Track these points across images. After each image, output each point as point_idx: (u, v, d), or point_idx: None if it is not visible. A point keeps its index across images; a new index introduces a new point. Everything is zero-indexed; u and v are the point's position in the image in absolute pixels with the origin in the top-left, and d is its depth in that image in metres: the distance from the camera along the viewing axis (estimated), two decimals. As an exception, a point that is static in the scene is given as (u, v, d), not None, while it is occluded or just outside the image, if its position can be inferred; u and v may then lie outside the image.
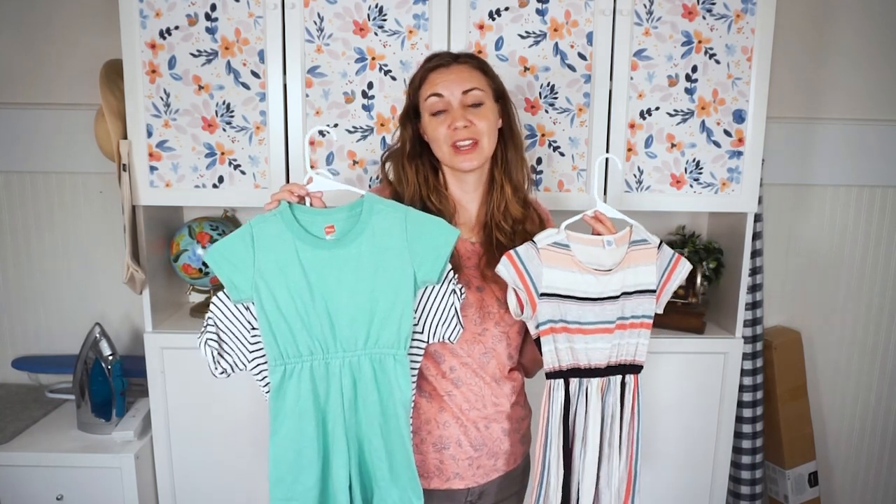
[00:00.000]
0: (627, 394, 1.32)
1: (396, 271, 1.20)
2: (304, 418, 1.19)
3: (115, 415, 1.82)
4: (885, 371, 2.23)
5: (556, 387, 1.28)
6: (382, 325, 1.20)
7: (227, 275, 1.19)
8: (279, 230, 1.19)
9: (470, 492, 1.34)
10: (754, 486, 2.05)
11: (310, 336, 1.19)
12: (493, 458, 1.34)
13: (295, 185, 1.23)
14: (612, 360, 1.30)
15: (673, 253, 1.34)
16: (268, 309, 1.18)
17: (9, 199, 2.04)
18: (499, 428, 1.34)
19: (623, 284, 1.29)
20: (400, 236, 1.20)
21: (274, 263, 1.18)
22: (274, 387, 1.19)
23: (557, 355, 1.27)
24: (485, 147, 1.29)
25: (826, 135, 2.08)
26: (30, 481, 1.73)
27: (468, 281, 1.31)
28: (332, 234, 1.22)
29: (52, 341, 2.11)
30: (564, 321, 1.27)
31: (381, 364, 1.20)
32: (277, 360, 1.19)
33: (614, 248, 1.29)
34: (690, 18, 1.64)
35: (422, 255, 1.20)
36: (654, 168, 1.70)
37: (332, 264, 1.20)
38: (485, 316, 1.32)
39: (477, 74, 1.31)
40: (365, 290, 1.20)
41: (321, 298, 1.19)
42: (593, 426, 1.29)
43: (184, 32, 1.61)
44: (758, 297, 1.99)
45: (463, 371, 1.31)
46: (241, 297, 1.19)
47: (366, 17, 1.61)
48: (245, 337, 1.24)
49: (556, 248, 1.26)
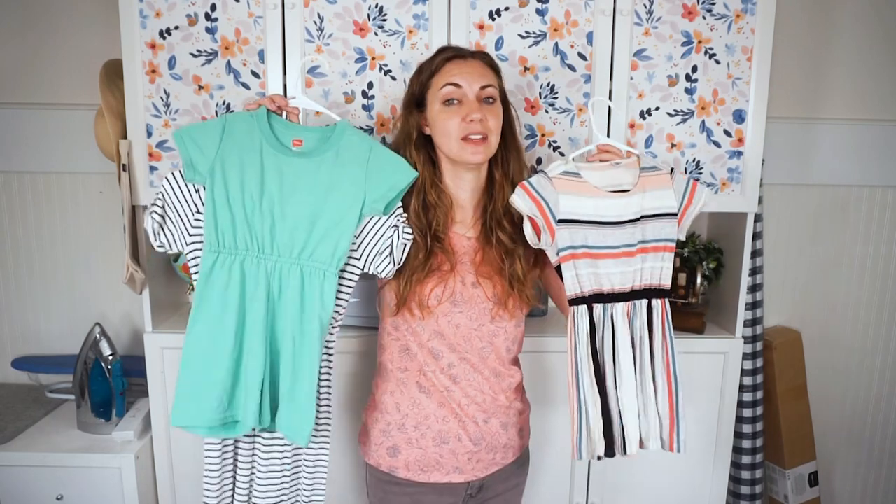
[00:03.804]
0: (656, 318, 1.31)
1: (348, 193, 1.25)
2: (227, 310, 1.23)
3: (115, 415, 1.82)
4: (885, 371, 2.23)
5: (580, 313, 1.28)
6: (321, 240, 1.25)
7: (188, 154, 1.25)
8: (250, 128, 1.27)
9: (470, 485, 1.35)
10: (754, 486, 2.05)
11: (249, 232, 1.24)
12: (493, 451, 1.35)
13: (277, 96, 1.32)
14: (636, 285, 1.30)
15: (689, 178, 1.36)
16: (217, 195, 1.24)
17: (9, 199, 2.04)
18: (497, 422, 1.35)
19: (642, 207, 1.30)
20: (361, 163, 1.26)
21: (236, 156, 1.25)
22: (203, 272, 1.24)
23: (579, 281, 1.28)
24: (493, 143, 1.30)
25: (826, 135, 2.08)
26: (30, 481, 1.73)
27: (463, 277, 1.31)
28: (298, 147, 1.29)
29: (52, 341, 2.11)
30: (586, 246, 1.28)
31: (310, 277, 1.25)
32: (213, 246, 1.24)
33: (623, 168, 1.31)
34: (690, 18, 1.64)
35: (376, 184, 1.26)
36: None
37: (289, 171, 1.26)
38: (481, 312, 1.32)
39: (491, 72, 1.33)
40: (313, 203, 1.25)
41: (269, 200, 1.25)
42: (624, 352, 1.28)
43: (184, 32, 1.61)
44: (758, 297, 1.99)
45: (461, 367, 1.31)
46: (195, 178, 1.25)
47: (366, 17, 1.61)
48: (189, 218, 1.28)
49: (567, 177, 1.29)
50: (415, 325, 1.31)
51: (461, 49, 1.35)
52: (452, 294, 1.30)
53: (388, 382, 1.36)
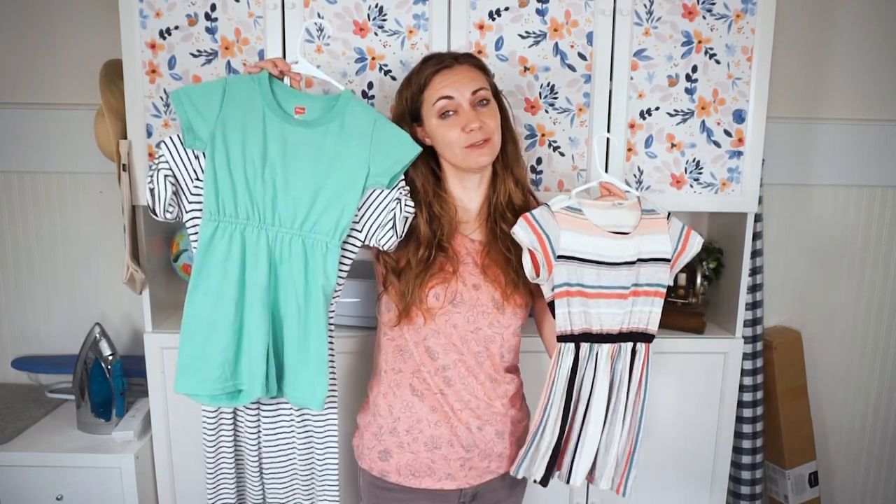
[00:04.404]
0: (637, 361, 1.31)
1: (352, 165, 1.23)
2: (227, 280, 1.21)
3: (115, 415, 1.82)
4: (886, 371, 2.23)
5: (566, 350, 1.28)
6: (323, 212, 1.23)
7: (188, 118, 1.20)
8: (252, 93, 1.22)
9: (462, 493, 1.34)
10: (754, 486, 2.05)
11: (251, 201, 1.21)
12: (487, 459, 1.34)
13: (279, 60, 1.28)
14: (624, 327, 1.30)
15: (683, 225, 1.34)
16: (217, 162, 1.20)
17: (9, 199, 2.04)
18: (492, 430, 1.33)
19: (639, 250, 1.29)
20: (365, 135, 1.24)
21: (238, 121, 1.21)
22: (203, 241, 1.21)
23: (570, 319, 1.27)
24: (496, 143, 1.31)
25: (826, 135, 2.08)
26: (30, 481, 1.73)
27: (465, 278, 1.31)
28: (301, 115, 1.26)
29: (52, 341, 2.11)
30: (581, 284, 1.27)
31: (312, 249, 1.23)
32: (213, 214, 1.20)
33: (625, 210, 1.30)
34: (690, 18, 1.64)
35: (380, 157, 1.24)
36: (654, 168, 1.70)
37: (293, 141, 1.23)
38: (478, 315, 1.31)
39: (479, 73, 1.32)
40: (317, 174, 1.23)
41: (271, 169, 1.22)
42: (600, 391, 1.29)
43: (184, 32, 1.61)
44: (758, 297, 1.99)
45: (457, 369, 1.30)
46: (196, 144, 1.21)
47: (366, 17, 1.61)
48: (188, 185, 1.25)
49: (569, 212, 1.28)
50: (414, 326, 1.31)
51: (443, 57, 1.33)
52: (455, 295, 1.30)
53: (382, 384, 1.36)
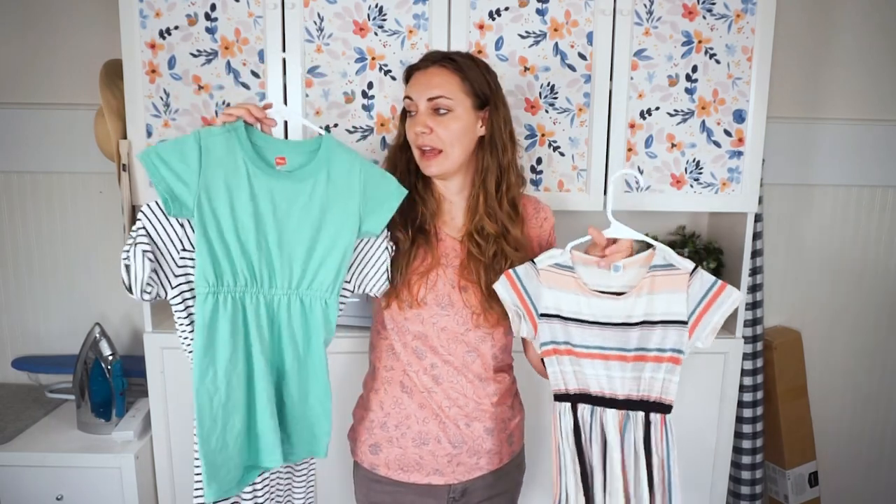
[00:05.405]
0: (654, 434, 1.18)
1: (344, 216, 1.18)
2: (236, 355, 1.12)
3: (115, 415, 1.82)
4: (885, 371, 2.23)
5: (563, 410, 1.22)
6: (319, 268, 1.17)
7: (168, 185, 1.06)
8: (230, 146, 1.11)
9: (452, 489, 1.34)
10: (754, 486, 2.05)
11: (247, 266, 1.13)
12: (475, 456, 1.34)
13: (253, 106, 1.16)
14: (632, 394, 1.20)
15: (714, 281, 1.18)
16: (210, 230, 1.08)
17: (9, 199, 2.04)
18: (481, 427, 1.33)
19: (647, 311, 1.19)
20: (354, 185, 1.18)
21: (222, 181, 1.09)
22: (203, 320, 1.09)
23: (563, 377, 1.22)
24: (451, 155, 1.27)
25: (826, 135, 2.08)
26: (30, 481, 1.73)
27: (452, 279, 1.30)
28: (281, 166, 1.17)
29: (52, 341, 2.11)
30: (570, 343, 1.21)
31: (311, 307, 1.18)
32: (212, 286, 1.09)
33: (622, 272, 1.21)
34: (690, 18, 1.64)
35: (371, 206, 1.19)
36: (655, 168, 1.70)
37: (283, 196, 1.15)
38: (468, 316, 1.31)
39: (452, 80, 1.26)
40: (310, 230, 1.17)
41: (264, 230, 1.14)
42: (613, 462, 1.19)
43: (183, 32, 1.61)
44: (758, 297, 1.99)
45: (444, 368, 1.31)
46: (182, 212, 1.08)
47: (366, 16, 1.61)
48: (174, 257, 1.12)
49: (557, 270, 1.22)
50: (402, 323, 1.31)
51: (428, 57, 1.31)
52: (443, 295, 1.29)
53: (375, 381, 1.37)
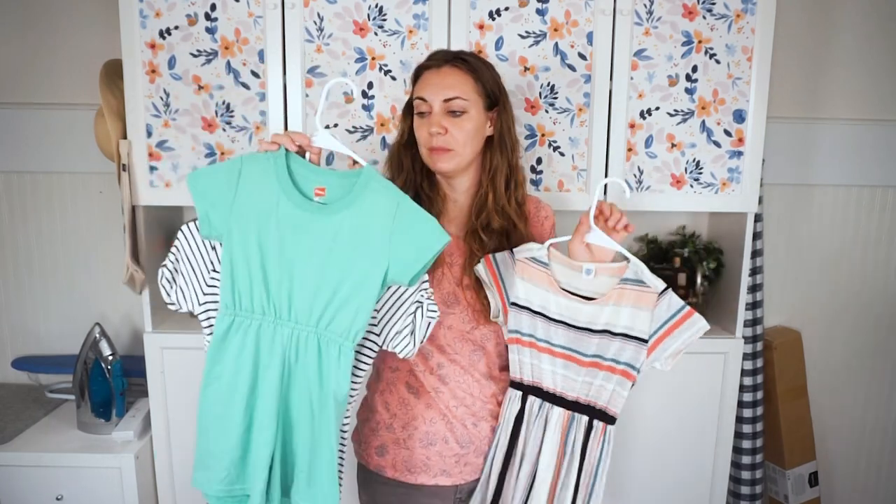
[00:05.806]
0: (593, 441, 1.21)
1: (369, 259, 1.10)
2: (240, 377, 1.13)
3: (115, 415, 1.82)
4: (885, 371, 2.23)
5: (513, 397, 1.28)
6: (339, 309, 1.11)
7: (203, 208, 1.12)
8: (267, 175, 1.12)
9: (458, 489, 1.34)
10: (754, 486, 2.05)
11: (266, 295, 1.12)
12: (482, 456, 1.34)
13: (297, 134, 1.16)
14: (581, 397, 1.23)
15: (682, 305, 1.19)
16: (235, 254, 1.11)
17: (9, 199, 2.04)
18: (488, 426, 1.34)
19: (609, 322, 1.21)
20: (386, 223, 1.10)
21: (252, 209, 1.11)
22: (218, 335, 1.13)
23: (520, 367, 1.27)
24: (462, 154, 1.28)
25: (826, 135, 2.08)
26: (30, 481, 1.73)
27: (458, 277, 1.31)
28: (321, 197, 1.14)
29: (52, 341, 2.11)
30: (533, 336, 1.25)
31: (326, 348, 1.12)
32: (229, 308, 1.12)
33: (593, 277, 1.22)
34: (690, 18, 1.64)
35: (401, 251, 1.10)
36: (655, 168, 1.70)
37: (309, 229, 1.12)
38: (474, 314, 1.31)
39: (466, 80, 1.27)
40: (334, 266, 1.11)
41: (288, 261, 1.12)
42: (547, 457, 1.22)
43: (183, 32, 1.61)
44: (758, 297, 1.99)
45: (451, 368, 1.31)
46: (212, 233, 1.13)
47: (366, 16, 1.61)
48: (204, 277, 1.18)
49: (532, 263, 1.24)
50: None
51: (439, 56, 1.31)
52: (449, 293, 1.30)
53: (380, 382, 1.37)
